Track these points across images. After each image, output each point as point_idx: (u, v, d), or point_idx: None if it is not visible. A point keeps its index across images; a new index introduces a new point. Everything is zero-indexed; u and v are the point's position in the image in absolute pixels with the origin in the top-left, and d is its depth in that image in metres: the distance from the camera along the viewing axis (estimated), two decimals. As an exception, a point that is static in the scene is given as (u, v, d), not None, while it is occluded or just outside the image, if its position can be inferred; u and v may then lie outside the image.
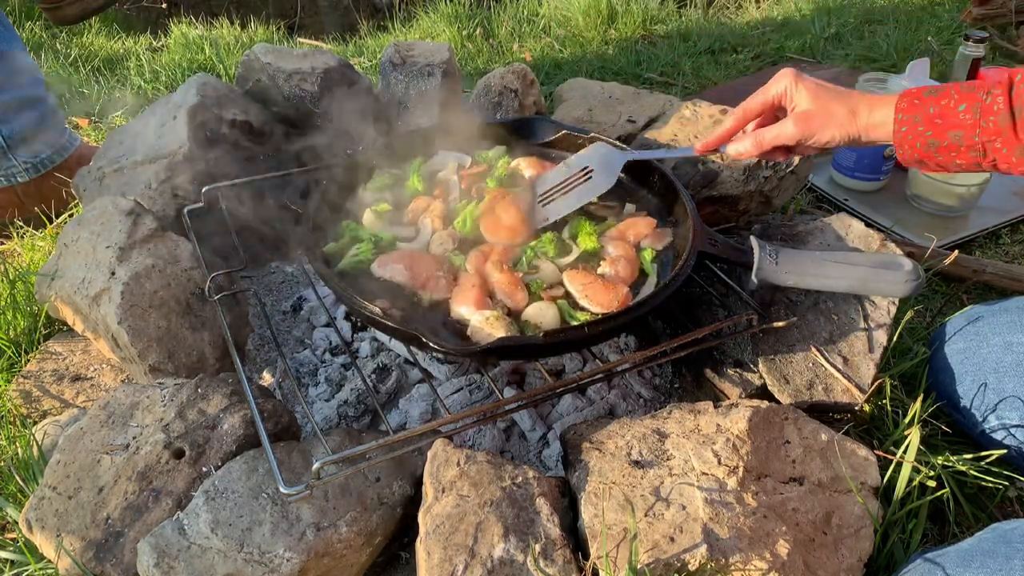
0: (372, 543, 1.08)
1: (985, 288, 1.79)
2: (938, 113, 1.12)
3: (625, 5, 3.46)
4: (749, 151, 1.30)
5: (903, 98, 1.15)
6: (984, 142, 1.09)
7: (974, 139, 1.09)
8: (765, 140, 1.27)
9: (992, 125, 1.07)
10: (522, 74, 1.93)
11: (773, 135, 1.25)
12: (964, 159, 1.13)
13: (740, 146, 1.31)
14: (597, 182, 1.42)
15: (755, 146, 1.28)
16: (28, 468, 1.26)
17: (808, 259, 1.28)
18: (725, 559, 0.96)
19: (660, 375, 1.51)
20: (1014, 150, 1.08)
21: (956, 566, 0.93)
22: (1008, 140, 1.07)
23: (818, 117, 1.21)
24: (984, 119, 1.08)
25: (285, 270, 1.79)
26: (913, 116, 1.13)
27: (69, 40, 3.35)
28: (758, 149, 1.28)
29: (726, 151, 1.34)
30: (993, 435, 1.25)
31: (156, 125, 1.70)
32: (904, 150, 1.17)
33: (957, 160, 1.14)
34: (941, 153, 1.13)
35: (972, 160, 1.13)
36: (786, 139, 1.24)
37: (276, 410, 1.20)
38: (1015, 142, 1.07)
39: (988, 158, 1.11)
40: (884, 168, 2.11)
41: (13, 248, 1.94)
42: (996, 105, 1.07)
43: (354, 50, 3.41)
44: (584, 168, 1.44)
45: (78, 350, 1.54)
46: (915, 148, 1.15)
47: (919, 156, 1.16)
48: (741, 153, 1.31)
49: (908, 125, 1.14)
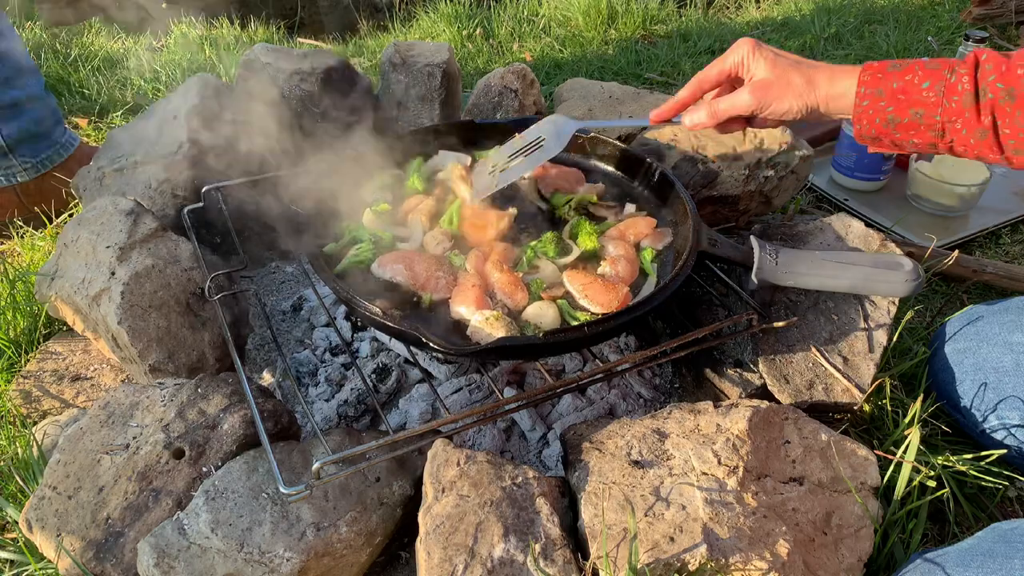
0: (372, 543, 1.08)
1: (985, 288, 1.79)
2: (901, 89, 1.09)
3: (625, 5, 3.46)
4: (704, 121, 1.27)
5: (866, 71, 1.12)
6: (945, 122, 1.07)
7: (935, 118, 1.07)
8: (720, 110, 1.24)
9: (955, 105, 1.05)
10: (522, 74, 1.93)
11: (728, 104, 1.23)
12: (921, 138, 1.11)
13: (695, 116, 1.28)
14: (547, 148, 1.38)
15: (710, 116, 1.26)
16: (28, 468, 1.26)
17: (808, 259, 1.28)
18: (725, 559, 0.96)
19: (660, 375, 1.51)
20: (974, 132, 1.06)
21: (956, 566, 0.93)
22: (969, 122, 1.05)
23: (775, 87, 1.18)
24: (948, 99, 1.06)
25: (285, 270, 1.79)
26: (876, 90, 1.11)
27: (69, 40, 3.34)
28: (713, 119, 1.26)
29: (681, 121, 1.31)
30: (993, 435, 1.25)
31: (156, 125, 1.70)
32: (862, 125, 1.14)
33: (914, 139, 1.11)
34: (900, 131, 1.11)
35: (929, 140, 1.10)
36: (741, 109, 1.21)
37: (276, 410, 1.20)
38: (976, 124, 1.05)
39: (946, 139, 1.09)
40: (884, 168, 2.11)
41: (13, 248, 1.94)
42: (961, 84, 1.05)
43: (354, 50, 3.41)
44: (537, 138, 1.41)
45: (78, 350, 1.54)
46: (874, 124, 1.12)
47: (877, 132, 1.13)
48: (696, 123, 1.28)
49: (870, 99, 1.11)
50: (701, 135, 1.75)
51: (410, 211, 1.44)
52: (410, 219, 1.42)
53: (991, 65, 1.04)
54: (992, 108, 1.04)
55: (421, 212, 1.42)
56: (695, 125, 1.28)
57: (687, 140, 1.74)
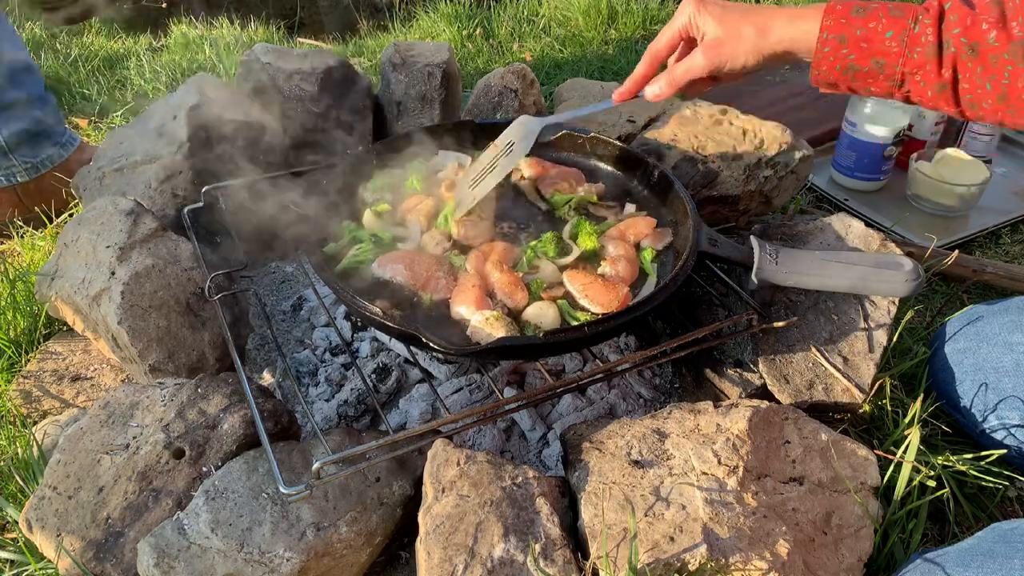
0: (372, 543, 1.08)
1: (985, 288, 1.79)
2: (864, 36, 1.06)
3: (625, 5, 3.46)
4: (664, 91, 1.25)
5: (828, 15, 1.09)
6: (905, 73, 1.05)
7: (896, 69, 1.05)
8: (676, 77, 1.22)
9: (917, 56, 1.03)
10: (522, 74, 1.93)
11: (683, 70, 1.20)
12: (879, 87, 1.09)
13: (655, 87, 1.26)
14: (514, 152, 1.39)
15: (669, 84, 1.24)
16: (28, 468, 1.26)
17: (808, 259, 1.28)
18: (725, 559, 0.96)
19: (660, 375, 1.51)
20: (933, 85, 1.04)
21: (956, 566, 0.93)
22: (929, 75, 1.03)
23: (726, 43, 1.15)
24: (911, 50, 1.04)
25: (285, 270, 1.79)
26: (839, 36, 1.08)
27: (69, 40, 3.34)
28: (672, 87, 1.24)
29: (644, 95, 1.29)
30: (993, 435, 1.25)
31: (156, 125, 1.70)
32: (821, 71, 1.12)
33: (872, 87, 1.10)
34: (859, 79, 1.09)
35: (887, 89, 1.09)
36: (697, 71, 1.19)
37: (276, 410, 1.20)
38: (936, 78, 1.03)
39: (903, 89, 1.07)
40: (884, 168, 2.11)
41: (13, 248, 1.94)
42: (924, 36, 1.03)
43: (354, 50, 3.40)
44: (508, 144, 1.41)
45: (78, 350, 1.54)
46: (833, 70, 1.10)
47: (835, 78, 1.11)
48: (657, 94, 1.26)
49: (832, 45, 1.08)
50: (701, 135, 1.75)
51: (409, 211, 1.45)
52: (409, 219, 1.42)
53: (956, 16, 1.02)
54: (954, 62, 1.02)
55: (420, 212, 1.42)
56: (657, 96, 1.27)
57: (687, 140, 1.74)
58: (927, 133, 2.17)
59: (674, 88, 1.24)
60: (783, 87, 2.67)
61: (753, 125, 1.77)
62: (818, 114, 2.46)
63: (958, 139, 2.21)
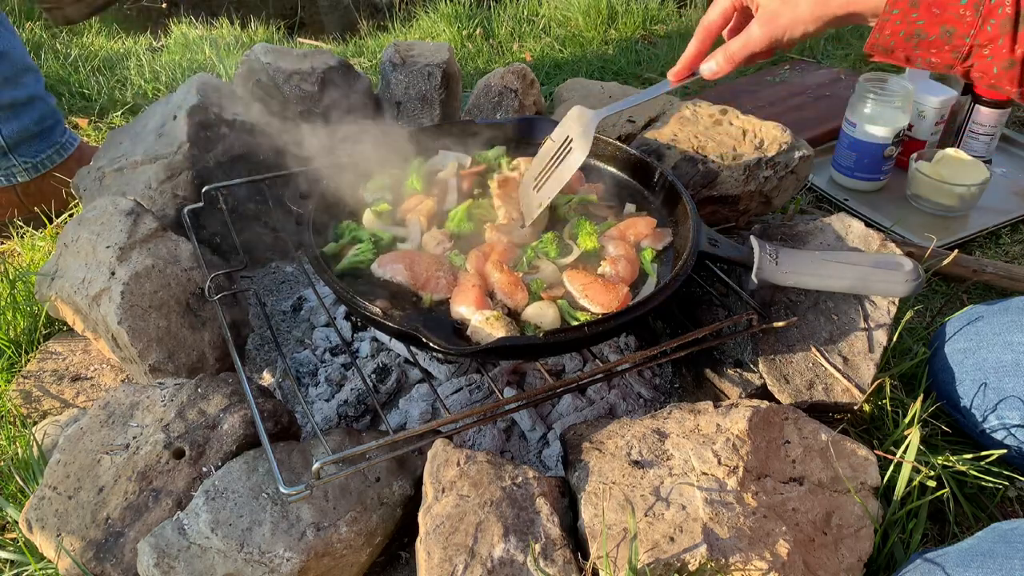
0: (372, 543, 1.08)
1: (985, 288, 1.79)
2: (937, 1, 0.99)
3: (625, 5, 3.46)
4: (723, 67, 1.20)
5: None
6: (973, 45, 0.99)
7: (964, 40, 0.99)
8: (734, 52, 1.18)
9: (991, 29, 0.96)
10: (522, 74, 1.93)
11: (740, 45, 1.16)
12: (941, 58, 1.03)
13: (712, 64, 1.22)
14: (577, 148, 1.33)
15: (727, 61, 1.19)
16: (28, 468, 1.26)
17: (808, 259, 1.28)
18: (725, 559, 0.96)
19: (660, 375, 1.51)
20: (1001, 61, 0.98)
21: (956, 566, 0.93)
22: (999, 49, 0.97)
23: (783, 14, 1.10)
24: (985, 21, 0.96)
25: (285, 270, 1.79)
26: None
27: (69, 40, 3.34)
28: (731, 63, 1.19)
29: (701, 73, 1.25)
30: (993, 435, 1.25)
31: (156, 125, 1.70)
32: (883, 34, 1.05)
33: (932, 58, 1.04)
34: (921, 47, 1.03)
35: (949, 61, 1.03)
36: (755, 46, 1.14)
37: (276, 410, 1.20)
38: (1007, 54, 0.97)
39: (967, 63, 1.01)
40: (884, 168, 2.11)
41: (13, 248, 1.94)
42: (1002, 7, 0.95)
43: (354, 50, 3.40)
44: (567, 139, 1.35)
45: (78, 350, 1.54)
46: (897, 35, 1.03)
47: (895, 44, 1.05)
48: (715, 71, 1.22)
49: (902, 8, 1.01)
50: (701, 135, 1.75)
51: (409, 211, 1.45)
52: (409, 219, 1.42)
53: None
54: None
55: (420, 212, 1.42)
56: (714, 73, 1.22)
57: (687, 140, 1.74)
58: (927, 133, 2.17)
59: (732, 64, 1.19)
60: (783, 87, 2.67)
61: (753, 125, 1.77)
62: (818, 114, 2.46)
63: (958, 139, 2.21)
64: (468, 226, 1.39)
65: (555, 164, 1.35)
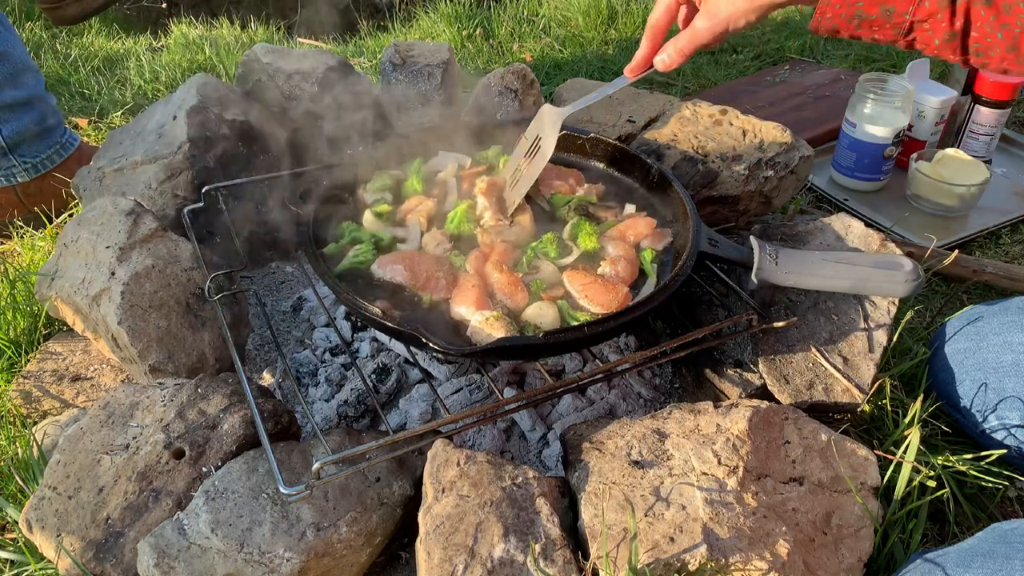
0: (372, 543, 1.08)
1: (985, 288, 1.79)
2: None
3: (625, 5, 3.46)
4: (674, 59, 1.25)
5: None
6: (914, 21, 1.03)
7: (904, 17, 1.03)
8: (683, 47, 1.22)
9: (929, 5, 1.01)
10: (522, 74, 1.93)
11: (687, 40, 1.21)
12: (883, 35, 1.07)
13: (664, 56, 1.26)
14: (544, 147, 1.40)
15: (678, 53, 1.24)
16: (28, 468, 1.26)
17: (808, 259, 1.28)
18: (725, 559, 0.96)
19: (660, 375, 1.51)
20: (942, 34, 1.02)
21: (956, 566, 0.93)
22: (938, 23, 1.01)
23: (724, 8, 1.14)
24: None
25: (285, 270, 1.79)
26: None
27: (69, 40, 3.34)
28: (681, 56, 1.24)
29: (655, 66, 1.29)
30: (993, 435, 1.25)
31: (156, 125, 1.70)
32: (825, 17, 1.09)
33: (876, 35, 1.07)
34: (863, 26, 1.07)
35: (892, 37, 1.06)
36: (702, 38, 1.19)
37: (276, 410, 1.20)
38: (947, 27, 1.01)
39: (909, 37, 1.05)
40: (884, 168, 2.11)
41: (13, 248, 1.94)
42: None
43: (354, 50, 3.40)
44: (536, 137, 1.42)
45: (78, 350, 1.54)
46: (838, 17, 1.07)
47: (838, 26, 1.09)
48: (667, 64, 1.26)
49: None
50: (701, 135, 1.75)
51: (409, 212, 1.45)
52: (408, 220, 1.42)
53: None
54: (967, 11, 1.00)
55: (419, 213, 1.42)
56: (667, 65, 1.27)
57: (687, 140, 1.74)
58: (927, 133, 2.17)
59: (683, 57, 1.24)
60: (783, 87, 2.67)
61: (753, 125, 1.77)
62: (818, 114, 2.46)
63: (958, 139, 2.21)
64: (468, 227, 1.40)
65: (527, 161, 1.42)
